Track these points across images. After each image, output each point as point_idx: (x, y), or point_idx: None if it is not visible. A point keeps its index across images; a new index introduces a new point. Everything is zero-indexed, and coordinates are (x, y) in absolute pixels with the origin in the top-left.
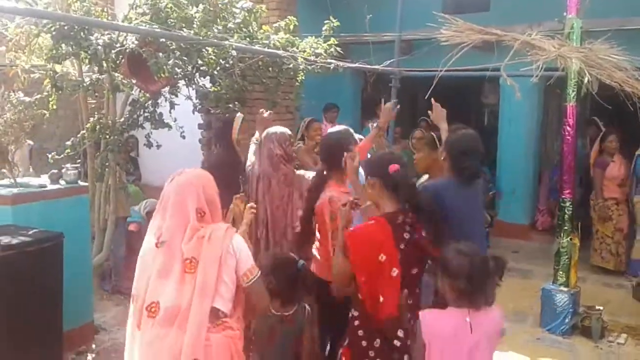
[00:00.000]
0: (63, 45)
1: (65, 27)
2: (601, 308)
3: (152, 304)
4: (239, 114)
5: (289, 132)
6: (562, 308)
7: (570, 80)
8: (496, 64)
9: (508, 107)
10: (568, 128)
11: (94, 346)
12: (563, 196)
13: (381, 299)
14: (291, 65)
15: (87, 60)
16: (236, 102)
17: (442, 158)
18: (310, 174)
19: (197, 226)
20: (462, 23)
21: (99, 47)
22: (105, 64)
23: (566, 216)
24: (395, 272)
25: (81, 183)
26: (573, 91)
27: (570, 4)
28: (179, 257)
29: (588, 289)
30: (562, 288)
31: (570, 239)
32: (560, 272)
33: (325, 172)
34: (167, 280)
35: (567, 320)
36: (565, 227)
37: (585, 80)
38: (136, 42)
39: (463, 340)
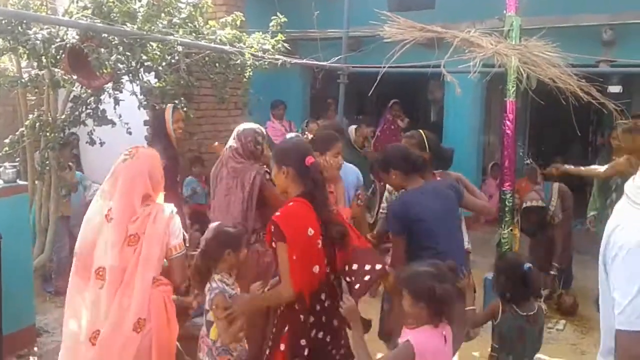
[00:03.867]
0: (0, 40)
1: (3, 21)
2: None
3: (99, 268)
4: (169, 105)
5: (258, 130)
6: None
7: (509, 76)
8: (438, 61)
9: (452, 103)
10: (508, 122)
11: (36, 349)
12: (503, 188)
13: (317, 268)
14: (238, 61)
15: (25, 56)
16: (182, 98)
17: (393, 178)
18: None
19: (141, 210)
20: (403, 21)
21: (38, 41)
22: (44, 60)
23: (507, 207)
24: (319, 243)
25: (20, 182)
26: (513, 87)
27: (510, 2)
28: (124, 234)
29: None
30: None
31: (511, 230)
32: None
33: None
34: (111, 250)
35: None
36: (506, 218)
37: (525, 77)
38: (77, 36)
39: (447, 354)
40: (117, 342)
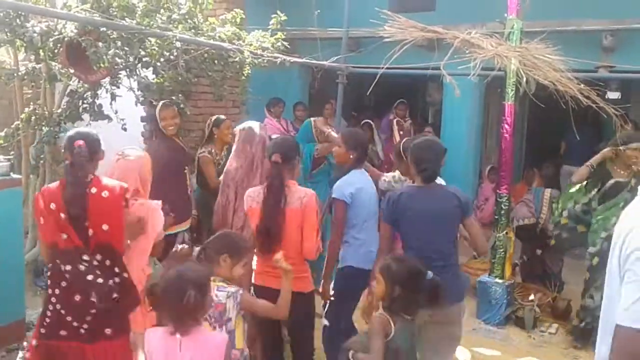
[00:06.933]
0: None
1: (0, 14)
2: (534, 299)
3: None
4: (161, 102)
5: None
6: (497, 300)
7: (508, 80)
8: (438, 63)
9: (450, 105)
10: (506, 126)
11: (25, 343)
12: (500, 191)
13: (64, 236)
14: (237, 59)
15: (22, 49)
16: (180, 95)
17: (403, 166)
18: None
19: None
20: (404, 20)
21: (36, 34)
22: (42, 53)
23: (502, 211)
24: (62, 216)
25: (14, 175)
26: (512, 90)
27: (511, 5)
28: None
29: None
30: (498, 280)
31: (506, 233)
32: (496, 265)
33: (280, 172)
34: None
35: (501, 312)
36: (502, 222)
37: (524, 80)
38: (75, 30)
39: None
40: None
